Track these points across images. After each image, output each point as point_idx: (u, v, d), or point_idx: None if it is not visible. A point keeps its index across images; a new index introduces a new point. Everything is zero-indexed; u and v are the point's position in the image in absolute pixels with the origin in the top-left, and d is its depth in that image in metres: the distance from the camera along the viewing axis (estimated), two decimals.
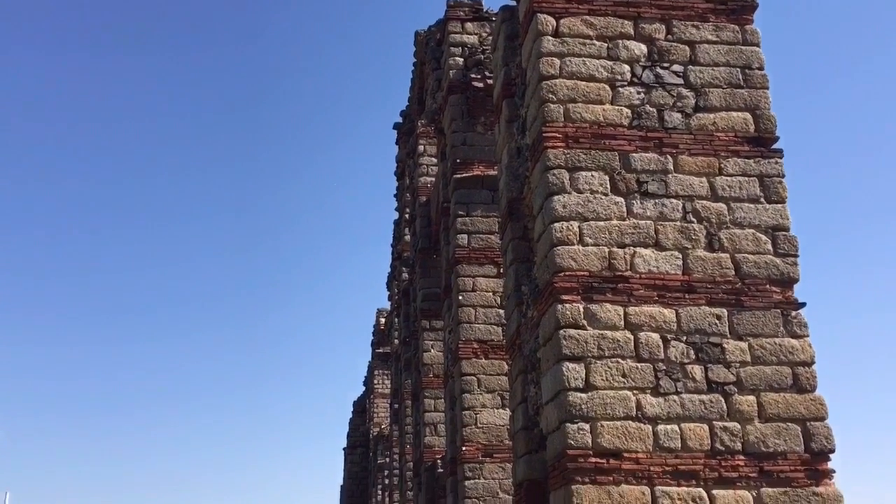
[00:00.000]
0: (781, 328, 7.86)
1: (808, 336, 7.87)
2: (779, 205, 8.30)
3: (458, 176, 14.67)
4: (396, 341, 29.11)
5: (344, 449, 50.58)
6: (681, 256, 8.03)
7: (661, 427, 7.47)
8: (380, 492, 36.78)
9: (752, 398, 7.58)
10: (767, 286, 8.00)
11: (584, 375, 7.59)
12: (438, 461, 17.77)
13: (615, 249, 7.99)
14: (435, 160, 19.72)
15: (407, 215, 24.47)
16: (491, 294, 14.03)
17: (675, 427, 7.46)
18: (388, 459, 32.12)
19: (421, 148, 20.87)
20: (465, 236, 14.40)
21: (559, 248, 7.91)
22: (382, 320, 39.32)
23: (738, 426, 7.48)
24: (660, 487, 7.25)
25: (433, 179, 19.62)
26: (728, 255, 8.07)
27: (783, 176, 8.43)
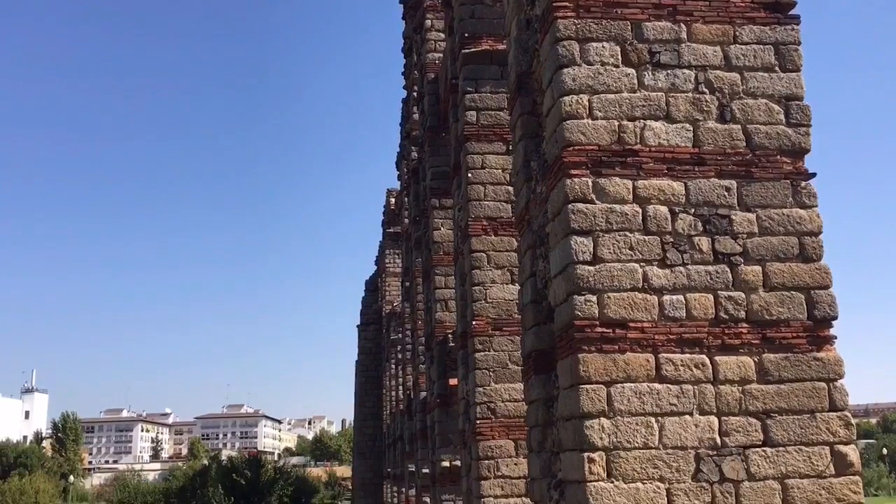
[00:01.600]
0: (790, 199, 7.86)
1: (816, 206, 7.88)
2: (793, 73, 8.13)
3: (467, 51, 14.35)
4: (407, 220, 29.33)
5: (358, 326, 51.91)
6: (691, 129, 7.95)
7: (666, 297, 7.62)
8: (393, 366, 38.02)
9: (757, 268, 7.68)
10: (778, 157, 7.94)
11: (591, 249, 7.68)
12: (449, 336, 18.26)
13: (625, 122, 7.90)
14: (442, 35, 19.24)
15: (415, 93, 24.11)
16: (500, 171, 14.00)
17: (681, 297, 7.60)
18: (400, 335, 33.01)
19: (428, 23, 20.32)
20: (474, 113, 14.24)
21: (568, 122, 7.83)
22: (393, 200, 39.48)
23: (743, 295, 7.62)
24: (664, 355, 7.47)
25: (441, 56, 19.22)
26: (739, 127, 7.97)
27: (799, 44, 8.21)
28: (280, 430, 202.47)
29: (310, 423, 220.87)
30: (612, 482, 7.13)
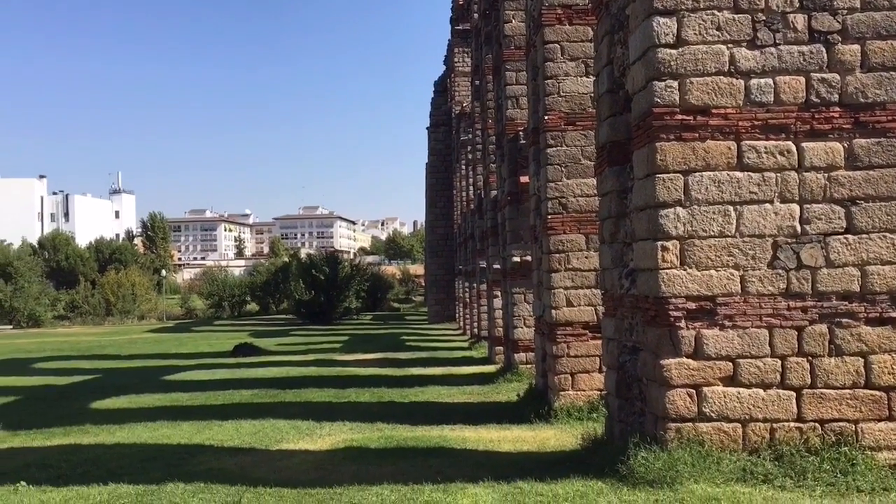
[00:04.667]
0: None
1: None
2: None
3: None
4: (476, 16, 28.18)
5: (427, 128, 51.75)
6: None
7: (753, 81, 7.21)
8: (463, 167, 38.14)
9: (856, 47, 7.13)
10: None
11: (675, 30, 7.23)
12: (521, 133, 18.01)
13: None
14: None
15: None
16: None
17: (769, 81, 7.18)
18: (470, 135, 32.78)
19: None
20: None
21: None
22: None
23: (838, 77, 7.14)
24: (747, 142, 7.19)
25: None
26: None
27: None
28: (354, 231, 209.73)
29: (382, 225, 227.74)
30: (685, 269, 7.15)
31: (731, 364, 7.08)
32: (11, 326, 56.07)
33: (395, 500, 7.06)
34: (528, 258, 16.58)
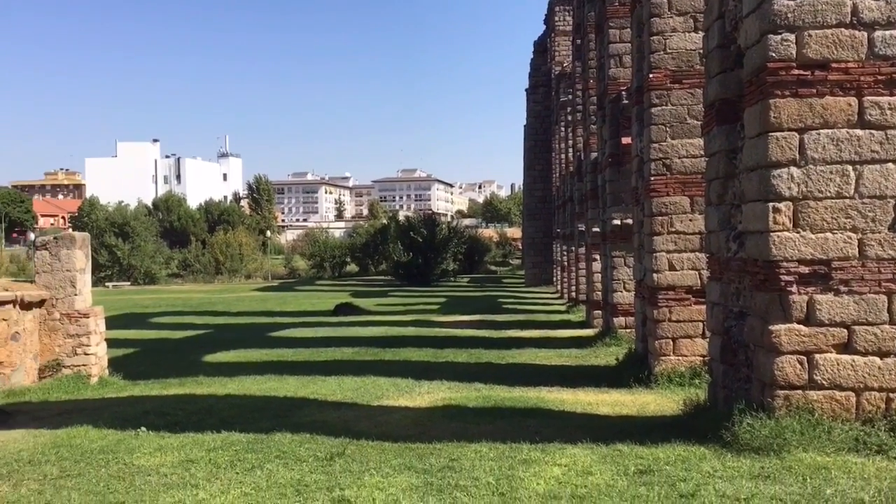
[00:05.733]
0: None
1: None
2: None
3: None
4: None
5: (526, 90, 51.10)
6: None
7: (878, 34, 6.78)
8: (563, 128, 37.57)
9: None
10: None
11: None
12: (623, 92, 17.56)
13: None
14: None
15: None
16: None
17: (895, 32, 6.74)
18: (570, 96, 32.21)
19: None
20: None
21: None
22: None
23: None
24: (869, 98, 6.79)
25: None
26: None
27: None
28: (452, 194, 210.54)
29: (480, 188, 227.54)
30: (798, 232, 6.86)
31: (845, 331, 6.78)
32: (129, 283, 59.29)
33: (494, 457, 7.14)
34: (629, 221, 16.26)
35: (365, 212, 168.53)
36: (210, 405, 10.83)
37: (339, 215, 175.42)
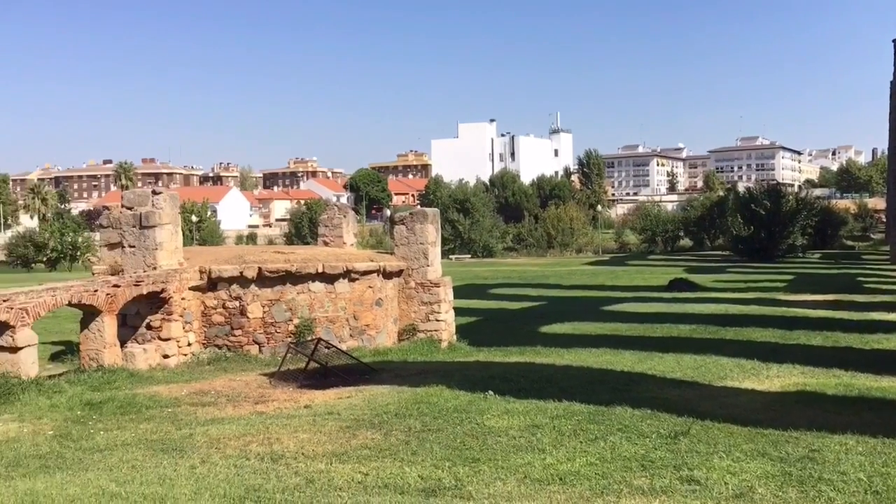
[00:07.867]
0: None
1: None
2: None
3: None
4: None
5: (894, 40, 44.87)
6: None
7: None
8: None
9: None
10: None
11: None
12: None
13: None
14: None
15: None
16: None
17: None
18: None
19: None
20: None
21: None
22: None
23: None
24: None
25: None
26: None
27: None
28: (799, 162, 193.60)
29: (833, 154, 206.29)
30: None
31: None
32: (470, 256, 63.42)
33: (863, 451, 6.41)
34: None
35: (699, 184, 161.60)
36: (550, 374, 11.15)
37: (672, 188, 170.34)
